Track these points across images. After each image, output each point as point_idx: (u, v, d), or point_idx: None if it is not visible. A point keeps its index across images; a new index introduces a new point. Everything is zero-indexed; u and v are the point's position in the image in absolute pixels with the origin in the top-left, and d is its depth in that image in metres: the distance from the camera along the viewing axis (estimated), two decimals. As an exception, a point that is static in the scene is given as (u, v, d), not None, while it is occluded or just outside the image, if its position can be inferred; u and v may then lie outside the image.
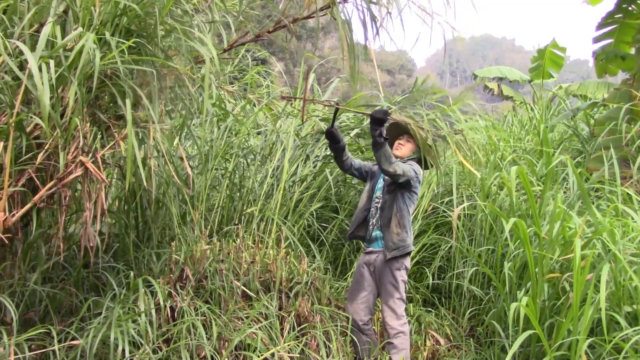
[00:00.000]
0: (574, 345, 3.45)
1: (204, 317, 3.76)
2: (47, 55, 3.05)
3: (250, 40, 4.84)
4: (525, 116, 9.67)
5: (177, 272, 4.06)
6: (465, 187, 5.94)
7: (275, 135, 5.74)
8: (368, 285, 4.27)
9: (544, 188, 4.48)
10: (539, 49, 11.18)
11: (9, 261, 3.48)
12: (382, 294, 4.23)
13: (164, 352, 3.50)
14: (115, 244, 4.51)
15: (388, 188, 4.26)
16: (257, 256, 4.30)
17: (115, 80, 3.45)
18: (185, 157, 5.05)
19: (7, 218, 3.02)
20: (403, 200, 4.23)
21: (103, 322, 3.43)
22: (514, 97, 12.61)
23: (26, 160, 3.22)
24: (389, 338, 4.13)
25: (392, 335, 4.12)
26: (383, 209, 4.25)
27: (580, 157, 7.26)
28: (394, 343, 4.11)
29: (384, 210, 4.24)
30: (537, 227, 4.09)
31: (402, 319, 4.18)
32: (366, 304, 4.25)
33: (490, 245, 5.17)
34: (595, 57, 8.41)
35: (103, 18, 3.42)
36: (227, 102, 6.24)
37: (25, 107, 3.21)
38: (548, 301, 4.00)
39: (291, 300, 4.21)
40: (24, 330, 3.32)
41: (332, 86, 6.81)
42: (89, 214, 3.35)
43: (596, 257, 3.87)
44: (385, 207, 4.24)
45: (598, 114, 8.04)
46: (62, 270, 4.19)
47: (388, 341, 4.14)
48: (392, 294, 4.16)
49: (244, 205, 5.17)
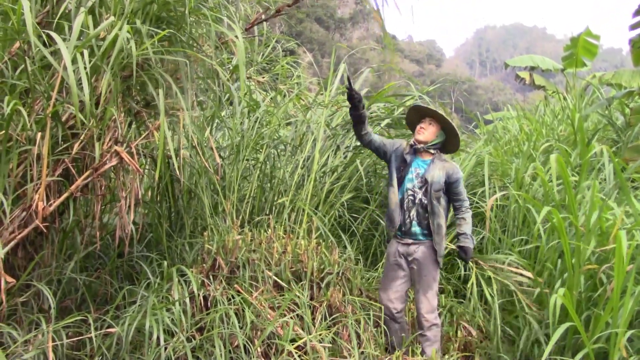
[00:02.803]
0: (613, 338, 3.38)
1: (237, 306, 3.77)
2: (81, 45, 3.07)
3: (272, 16, 4.85)
4: (558, 106, 9.49)
5: (210, 261, 4.08)
6: (498, 178, 5.85)
7: (305, 126, 5.72)
8: (404, 275, 4.23)
9: (580, 178, 4.39)
10: (572, 37, 10.95)
11: (46, 250, 3.53)
12: (420, 286, 4.18)
13: (198, 340, 3.52)
14: (148, 233, 4.56)
15: (436, 194, 4.17)
16: (289, 246, 4.30)
17: (147, 69, 3.47)
18: (217, 147, 5.09)
19: (45, 207, 3.06)
20: (445, 199, 4.24)
21: (138, 311, 3.47)
22: (546, 86, 12.38)
23: (62, 150, 3.27)
24: (423, 330, 4.10)
25: (427, 327, 4.10)
26: (433, 211, 4.17)
27: (616, 147, 7.10)
28: (428, 335, 4.09)
29: (433, 212, 4.16)
30: (574, 217, 4.01)
31: (437, 312, 4.17)
32: (400, 293, 4.23)
33: (524, 235, 5.09)
34: (632, 45, 8.19)
35: (134, 6, 3.43)
36: (257, 93, 6.24)
37: (60, 97, 3.25)
38: (584, 293, 3.92)
39: (322, 290, 4.21)
40: (61, 318, 3.38)
41: (362, 77, 6.76)
42: (123, 203, 3.39)
43: (636, 249, 3.78)
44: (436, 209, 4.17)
45: (634, 102, 7.85)
46: (97, 260, 4.25)
47: (421, 333, 4.11)
48: (432, 286, 4.15)
49: (275, 196, 5.17)
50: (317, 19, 55.34)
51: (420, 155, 4.30)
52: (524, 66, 12.31)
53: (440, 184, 4.15)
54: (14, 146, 3.09)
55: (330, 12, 58.35)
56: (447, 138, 4.35)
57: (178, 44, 3.62)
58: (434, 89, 6.95)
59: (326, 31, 56.32)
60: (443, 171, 4.17)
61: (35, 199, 3.03)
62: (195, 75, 4.01)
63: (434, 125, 4.30)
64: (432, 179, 4.15)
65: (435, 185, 4.14)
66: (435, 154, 4.29)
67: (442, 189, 4.17)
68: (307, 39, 47.35)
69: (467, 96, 59.24)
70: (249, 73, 6.01)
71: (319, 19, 56.01)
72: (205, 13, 3.63)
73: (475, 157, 5.94)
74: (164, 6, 3.59)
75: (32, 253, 3.52)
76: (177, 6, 3.63)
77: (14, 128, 3.11)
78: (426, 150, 4.28)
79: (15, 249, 3.35)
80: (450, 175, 4.16)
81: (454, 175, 4.17)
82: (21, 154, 3.17)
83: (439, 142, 4.33)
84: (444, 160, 4.28)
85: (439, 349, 4.12)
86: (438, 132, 4.31)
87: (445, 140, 4.35)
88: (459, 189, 4.20)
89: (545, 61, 12.08)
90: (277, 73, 7.01)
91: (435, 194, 4.15)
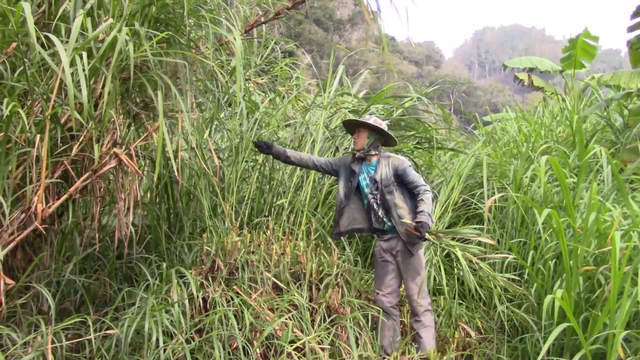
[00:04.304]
0: (610, 338, 3.39)
1: (236, 307, 3.77)
2: (79, 47, 3.08)
3: (271, 19, 4.87)
4: (557, 107, 9.50)
5: (209, 263, 4.09)
6: (496, 180, 5.86)
7: (304, 128, 5.73)
8: (393, 269, 4.38)
9: (578, 179, 4.40)
10: (571, 38, 10.97)
11: (45, 252, 3.54)
12: (408, 274, 4.32)
13: (197, 342, 3.52)
14: (147, 235, 4.56)
15: (387, 189, 4.34)
16: (288, 248, 4.31)
17: (145, 71, 3.47)
18: (216, 149, 5.09)
19: (44, 209, 3.06)
20: (400, 190, 4.37)
21: (137, 312, 3.47)
22: (544, 87, 12.40)
23: (61, 152, 3.27)
24: (417, 316, 4.25)
25: (421, 312, 4.24)
26: (389, 205, 4.33)
27: (614, 148, 7.10)
28: (423, 320, 4.23)
29: (389, 206, 4.33)
30: (571, 218, 4.02)
31: (429, 298, 4.35)
32: (393, 287, 4.37)
33: (522, 237, 5.10)
34: (630, 46, 8.20)
35: (132, 9, 3.44)
36: (256, 94, 6.24)
37: (59, 99, 3.25)
38: (582, 294, 3.93)
39: (321, 291, 4.21)
40: (60, 320, 3.38)
41: (361, 78, 6.77)
42: (122, 205, 3.39)
43: (633, 250, 3.79)
44: (391, 203, 4.32)
45: (632, 104, 7.85)
46: (96, 261, 4.25)
47: (416, 319, 4.26)
48: (419, 271, 4.31)
49: (273, 197, 5.18)
50: (316, 20, 55.35)
51: (368, 161, 4.48)
52: (523, 67, 12.34)
53: (389, 178, 4.34)
54: (13, 148, 3.09)
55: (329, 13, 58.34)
56: (380, 135, 4.50)
57: (177, 46, 3.63)
58: (432, 90, 6.97)
59: (325, 33, 56.34)
60: (389, 166, 4.37)
61: (34, 200, 3.04)
62: (194, 77, 4.01)
63: (362, 131, 4.49)
64: (380, 177, 4.36)
65: (384, 182, 4.35)
66: (379, 153, 4.48)
67: (391, 182, 4.34)
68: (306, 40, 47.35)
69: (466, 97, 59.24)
70: (248, 75, 6.01)
71: (317, 21, 56.01)
72: (204, 15, 3.64)
73: (474, 159, 5.95)
74: (163, 8, 3.60)
75: (31, 255, 3.52)
76: (176, 8, 3.64)
77: (13, 130, 3.11)
78: (369, 154, 4.45)
79: (14, 250, 3.35)
80: (396, 167, 4.36)
81: (400, 167, 4.36)
82: (20, 156, 3.17)
83: (373, 141, 4.48)
84: (388, 156, 4.46)
85: (433, 335, 4.24)
86: (367, 134, 4.48)
87: (379, 137, 4.50)
88: (409, 178, 4.34)
89: (543, 62, 12.09)
90: (276, 74, 7.02)
91: (385, 189, 4.34)
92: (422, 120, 6.24)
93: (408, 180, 4.33)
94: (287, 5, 5.00)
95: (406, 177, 4.33)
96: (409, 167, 4.37)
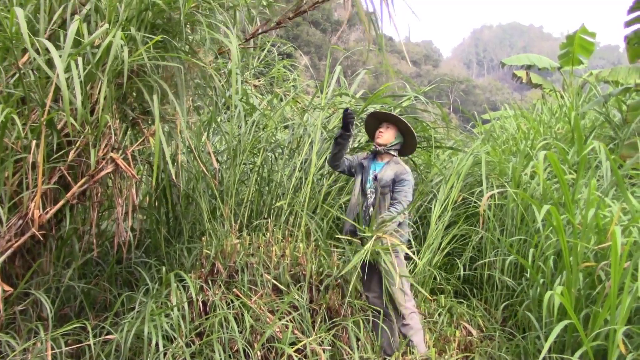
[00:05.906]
0: (612, 334, 3.38)
1: (236, 310, 3.77)
2: (75, 52, 3.08)
3: (272, 28, 4.87)
4: (555, 104, 9.49)
5: (208, 266, 4.09)
6: (496, 177, 5.85)
7: (302, 129, 5.72)
8: (375, 273, 4.30)
9: (577, 175, 4.39)
10: (568, 35, 10.97)
11: (44, 258, 3.54)
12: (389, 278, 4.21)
13: (197, 345, 3.52)
14: (146, 239, 4.56)
15: (383, 190, 4.35)
16: (287, 250, 4.30)
17: (142, 76, 3.47)
18: (214, 152, 5.08)
19: (42, 215, 3.06)
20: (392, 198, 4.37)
21: (137, 317, 3.47)
22: (543, 84, 12.40)
23: (58, 157, 3.27)
24: (404, 319, 4.19)
25: (407, 315, 4.18)
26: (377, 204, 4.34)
27: (613, 144, 7.09)
28: (410, 324, 4.17)
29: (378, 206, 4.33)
30: (570, 215, 4.01)
31: (413, 301, 4.31)
32: (378, 292, 4.31)
33: (522, 235, 5.09)
34: (627, 42, 8.18)
35: (128, 14, 3.44)
36: (254, 96, 6.24)
37: (55, 105, 3.25)
38: (583, 290, 3.92)
39: (321, 293, 4.21)
40: (59, 326, 3.38)
41: (359, 79, 6.76)
42: (120, 210, 3.39)
43: (633, 245, 3.78)
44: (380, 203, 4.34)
45: (631, 99, 7.84)
46: (95, 267, 4.25)
47: (403, 323, 4.19)
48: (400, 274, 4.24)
49: (272, 199, 5.18)
50: (313, 22, 55.31)
51: (380, 159, 4.51)
52: (521, 65, 12.34)
53: (388, 181, 4.34)
54: (9, 154, 3.09)
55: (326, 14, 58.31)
56: (404, 139, 4.55)
57: (173, 51, 3.63)
58: (431, 90, 6.96)
59: (323, 34, 56.31)
60: (393, 171, 4.38)
61: (32, 207, 3.04)
62: (191, 81, 4.01)
63: (391, 128, 4.51)
64: (382, 176, 4.36)
65: (382, 182, 4.35)
66: (394, 156, 4.50)
67: (389, 186, 4.34)
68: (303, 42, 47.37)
69: (465, 96, 59.29)
70: (245, 77, 6.01)
71: (315, 22, 55.98)
72: (200, 19, 3.64)
73: (473, 157, 5.94)
74: (159, 13, 3.60)
75: (29, 261, 3.52)
76: (173, 13, 3.64)
77: (9, 136, 3.11)
78: (387, 152, 4.48)
79: (12, 257, 3.35)
80: (398, 174, 4.35)
81: (401, 175, 4.35)
82: (16, 162, 3.17)
83: (398, 143, 4.54)
84: (397, 162, 4.47)
85: (422, 338, 4.19)
86: (396, 134, 4.52)
87: (403, 141, 4.55)
88: (400, 187, 4.33)
89: (541, 60, 12.10)
90: (273, 76, 7.02)
91: (382, 189, 4.34)
92: (420, 120, 6.24)
93: (398, 188, 4.32)
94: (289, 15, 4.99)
95: (399, 185, 4.32)
96: (409, 181, 4.35)
